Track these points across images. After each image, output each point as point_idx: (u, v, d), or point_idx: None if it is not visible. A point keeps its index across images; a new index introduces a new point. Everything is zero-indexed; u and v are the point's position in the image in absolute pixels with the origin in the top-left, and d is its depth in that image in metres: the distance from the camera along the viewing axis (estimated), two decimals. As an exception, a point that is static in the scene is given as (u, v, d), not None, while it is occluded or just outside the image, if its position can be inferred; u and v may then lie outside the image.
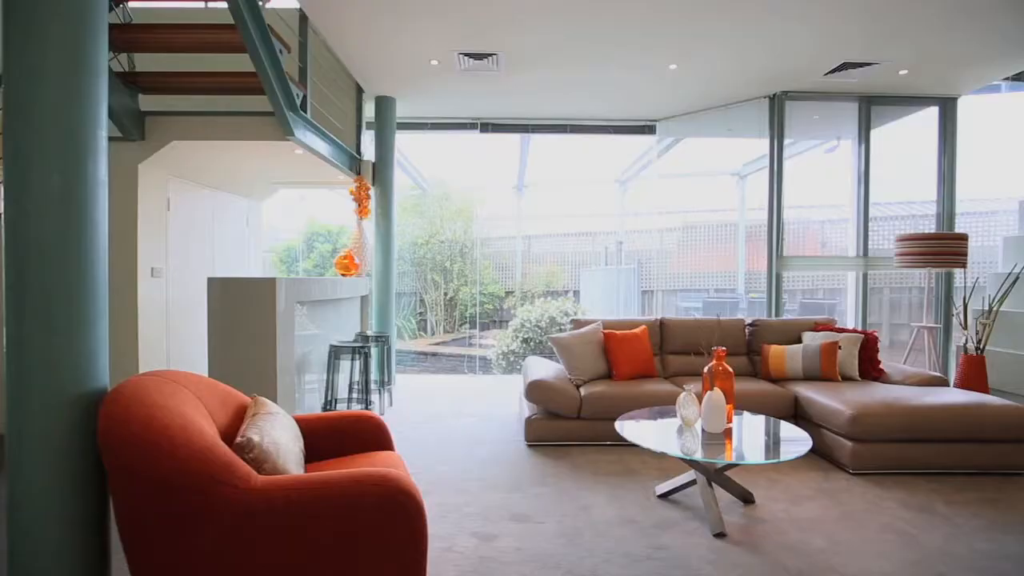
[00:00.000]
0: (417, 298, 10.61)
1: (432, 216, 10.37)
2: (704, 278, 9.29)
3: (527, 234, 10.39)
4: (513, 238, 10.37)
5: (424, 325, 10.58)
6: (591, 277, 9.53)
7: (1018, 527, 2.61)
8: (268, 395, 3.33)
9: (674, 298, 9.42)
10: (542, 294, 9.68)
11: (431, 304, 10.47)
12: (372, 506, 1.58)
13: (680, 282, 9.48)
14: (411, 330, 10.40)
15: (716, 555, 2.34)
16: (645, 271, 9.59)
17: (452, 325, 10.46)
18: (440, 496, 2.94)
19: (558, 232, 10.39)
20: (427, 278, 10.29)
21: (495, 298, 10.27)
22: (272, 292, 3.32)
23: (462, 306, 10.20)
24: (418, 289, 10.50)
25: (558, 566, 2.26)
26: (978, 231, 5.85)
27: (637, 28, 4.04)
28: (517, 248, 10.30)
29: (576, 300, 9.84)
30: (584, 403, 3.73)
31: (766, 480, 3.18)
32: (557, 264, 10.06)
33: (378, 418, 2.34)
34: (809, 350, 4.06)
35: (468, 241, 10.17)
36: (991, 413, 3.24)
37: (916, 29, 4.04)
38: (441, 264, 10.14)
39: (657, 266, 9.52)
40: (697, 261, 9.40)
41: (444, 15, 3.88)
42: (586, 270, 9.74)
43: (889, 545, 2.43)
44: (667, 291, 9.53)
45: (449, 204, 10.47)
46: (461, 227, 10.25)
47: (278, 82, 3.45)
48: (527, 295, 9.75)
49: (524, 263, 10.29)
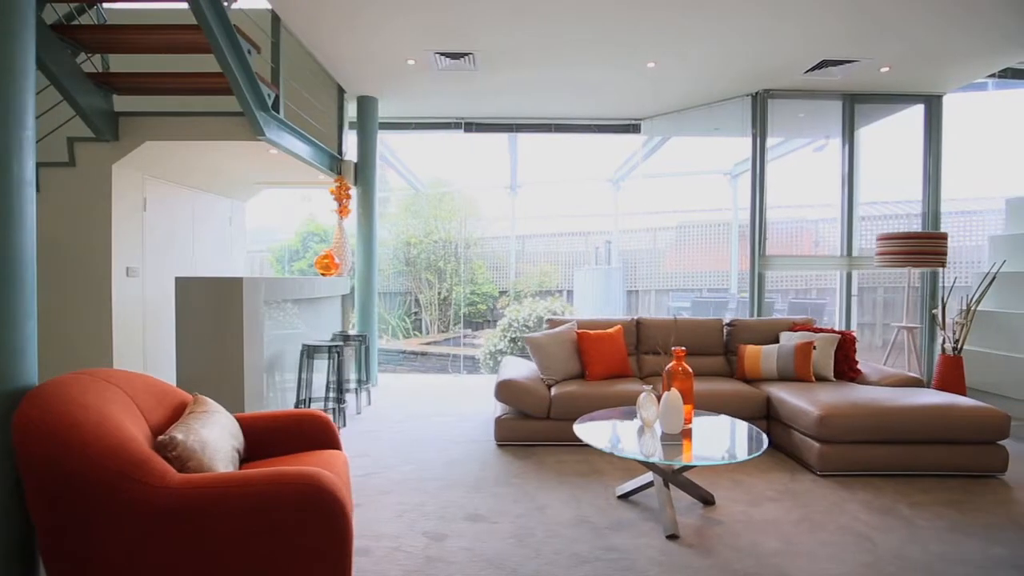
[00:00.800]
0: (412, 298, 10.63)
1: (426, 216, 10.39)
2: (696, 278, 9.25)
3: (521, 234, 10.38)
4: (507, 238, 10.36)
5: (419, 325, 10.60)
6: (584, 277, 9.50)
7: (979, 529, 2.57)
8: (235, 395, 3.36)
9: (666, 298, 9.38)
10: (535, 294, 9.67)
11: (426, 304, 10.48)
12: (291, 505, 1.58)
13: (673, 282, 9.45)
14: (405, 330, 10.43)
15: (665, 557, 2.32)
16: (639, 271, 9.56)
17: (446, 325, 10.47)
18: (399, 496, 2.94)
19: (552, 232, 10.37)
20: (421, 278, 10.31)
21: (489, 298, 10.27)
22: (238, 292, 3.33)
23: (456, 305, 10.21)
24: (412, 289, 10.52)
25: (503, 566, 2.25)
26: (965, 230, 5.77)
27: (612, 27, 4.03)
28: (511, 248, 10.29)
29: (570, 300, 9.82)
30: (554, 403, 3.72)
31: (730, 481, 3.15)
32: (550, 264, 10.04)
33: (324, 417, 2.34)
34: (784, 350, 4.02)
35: (462, 241, 10.18)
36: (960, 414, 3.20)
37: (895, 26, 4.00)
38: (434, 264, 10.15)
39: (649, 266, 9.48)
40: (690, 261, 9.36)
41: (417, 15, 3.88)
42: (579, 270, 9.71)
43: (844, 548, 2.40)
44: (660, 291, 9.50)
45: (443, 204, 10.49)
46: (455, 227, 10.26)
47: (246, 82, 3.46)
48: (520, 295, 9.75)
49: (518, 263, 10.28)
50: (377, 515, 2.70)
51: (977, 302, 4.23)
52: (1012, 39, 4.18)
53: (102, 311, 3.80)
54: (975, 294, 4.30)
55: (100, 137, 3.71)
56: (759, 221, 5.27)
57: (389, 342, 9.80)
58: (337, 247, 5.08)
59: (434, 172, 12.13)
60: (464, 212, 10.47)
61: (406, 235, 10.37)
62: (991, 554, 2.36)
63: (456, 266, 10.16)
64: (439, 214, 10.40)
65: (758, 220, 5.27)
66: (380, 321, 10.49)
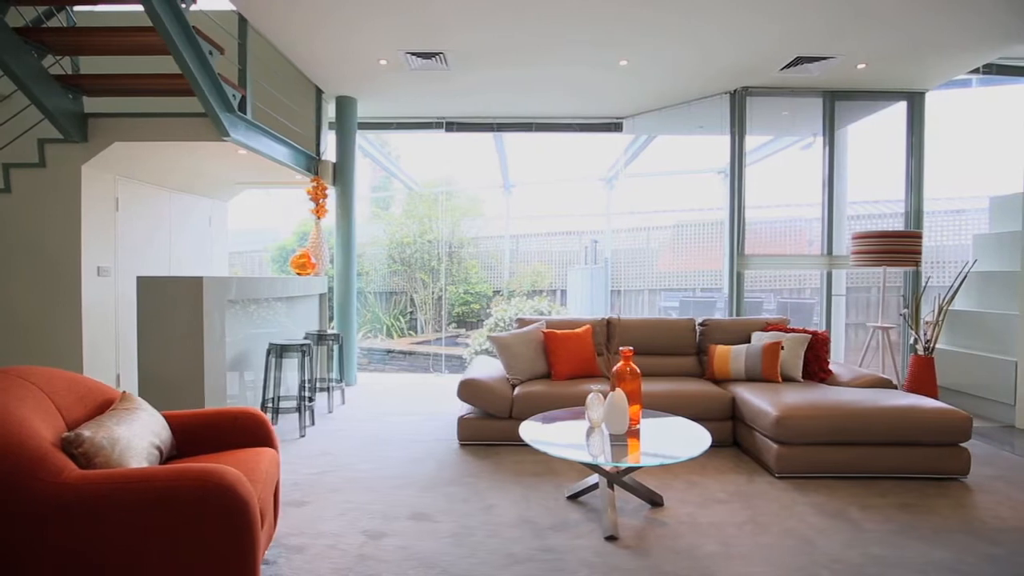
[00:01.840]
0: (407, 297, 10.67)
1: (420, 216, 10.42)
2: (689, 277, 9.17)
3: (515, 233, 10.38)
4: (501, 237, 10.36)
5: (415, 324, 10.63)
6: (576, 276, 9.48)
7: (926, 533, 2.53)
8: (195, 393, 3.39)
9: (659, 297, 9.33)
10: (527, 293, 9.66)
11: (420, 303, 10.52)
12: (191, 502, 1.60)
13: (666, 281, 9.39)
14: (400, 329, 10.47)
15: (598, 558, 2.31)
16: (632, 270, 9.51)
17: (441, 324, 10.49)
18: (349, 494, 2.96)
19: (546, 231, 10.35)
20: (415, 277, 10.34)
21: (483, 297, 10.28)
22: (198, 291, 3.37)
23: (449, 305, 10.23)
24: (407, 289, 10.56)
25: (435, 565, 2.25)
26: (951, 230, 5.68)
27: (579, 25, 4.01)
28: (505, 247, 10.29)
29: (563, 299, 9.81)
30: (515, 403, 3.72)
31: (685, 483, 3.13)
32: (543, 263, 10.02)
33: (259, 415, 2.35)
34: (752, 351, 3.98)
35: (455, 240, 10.20)
36: (922, 416, 3.14)
37: (868, 22, 3.94)
38: (428, 263, 10.18)
39: (642, 265, 9.43)
40: (683, 260, 9.29)
41: (385, 16, 3.89)
42: (571, 269, 9.69)
43: (782, 551, 2.38)
44: (653, 290, 9.45)
45: (437, 204, 10.51)
46: (449, 227, 10.28)
47: (208, 83, 3.49)
48: (513, 294, 9.74)
49: (512, 262, 10.28)
50: (322, 513, 2.72)
51: (948, 302, 4.16)
52: (988, 34, 4.11)
53: (72, 309, 3.85)
54: (947, 294, 4.23)
55: (68, 138, 3.76)
56: (738, 220, 5.22)
57: (383, 341, 9.85)
58: (314, 247, 5.11)
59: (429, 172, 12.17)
60: (458, 212, 10.50)
61: (400, 235, 10.41)
62: (931, 557, 2.32)
63: (450, 265, 10.18)
64: (433, 214, 10.43)
65: (737, 219, 5.22)
66: (375, 320, 10.59)
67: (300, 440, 3.85)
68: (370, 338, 10.49)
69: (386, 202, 11.33)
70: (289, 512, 2.72)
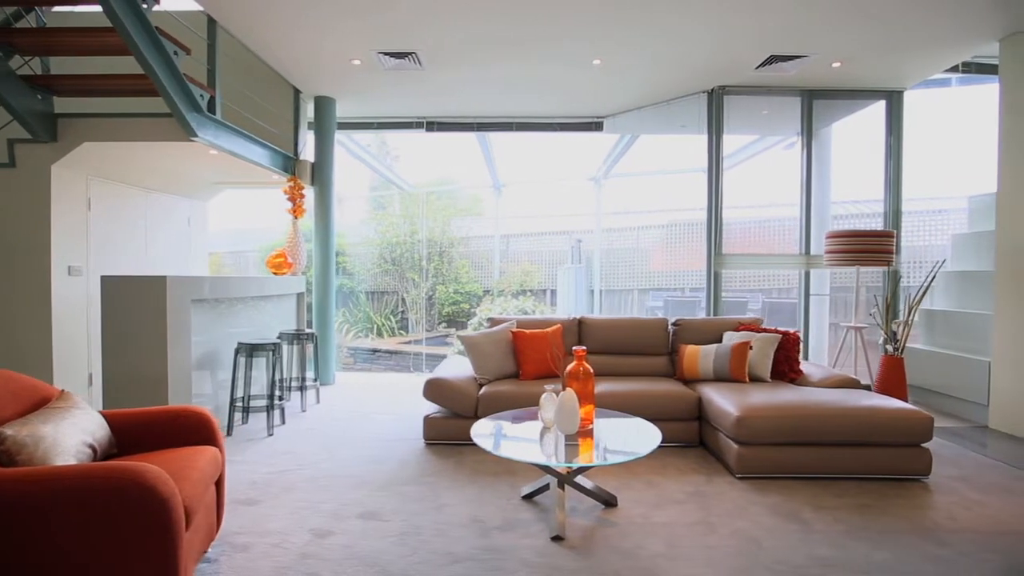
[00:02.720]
0: (399, 297, 10.69)
1: (411, 215, 10.44)
2: (677, 277, 9.15)
3: (505, 233, 10.38)
4: (491, 237, 10.37)
5: (406, 324, 10.65)
6: (564, 276, 9.47)
7: (874, 534, 2.51)
8: (159, 393, 3.41)
9: (648, 297, 9.31)
10: (516, 293, 9.66)
11: (411, 303, 10.53)
12: (108, 500, 1.61)
13: (655, 281, 9.37)
14: (391, 328, 10.49)
15: (540, 558, 2.31)
16: (621, 270, 9.50)
17: (432, 324, 10.51)
18: (304, 493, 2.96)
19: (535, 231, 10.35)
20: (406, 277, 10.36)
21: (473, 297, 10.29)
22: (162, 290, 3.38)
23: (439, 304, 10.24)
24: (399, 288, 10.58)
25: (374, 564, 2.25)
26: (931, 230, 5.64)
27: (553, 23, 4.01)
28: (495, 247, 10.29)
29: (553, 299, 9.80)
30: (481, 402, 3.71)
31: (644, 483, 3.12)
32: (531, 263, 10.02)
33: (202, 413, 2.36)
34: (721, 351, 3.97)
35: (445, 240, 10.21)
36: (884, 417, 3.13)
37: (840, 20, 3.92)
38: (418, 263, 10.19)
39: (631, 265, 9.41)
40: (671, 259, 9.27)
41: (354, 16, 3.90)
42: (560, 269, 9.68)
43: (726, 552, 2.36)
44: (642, 290, 9.43)
45: (428, 204, 10.53)
46: (439, 226, 10.29)
47: (173, 84, 3.51)
48: (503, 294, 9.75)
49: (502, 262, 10.28)
50: (273, 511, 2.72)
51: (918, 302, 4.13)
52: (960, 33, 4.08)
53: (41, 309, 3.88)
54: (916, 295, 4.20)
55: (38, 139, 3.79)
56: (715, 219, 5.20)
57: (370, 341, 9.88)
58: (291, 246, 5.12)
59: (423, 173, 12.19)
60: (449, 212, 10.51)
61: (391, 235, 10.43)
62: (874, 558, 2.30)
63: (440, 265, 10.19)
64: (425, 213, 10.45)
65: (714, 218, 5.20)
66: (366, 320, 10.62)
67: (267, 439, 3.86)
68: (361, 338, 10.52)
69: (385, 202, 11.33)
70: (240, 510, 2.73)
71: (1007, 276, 4.08)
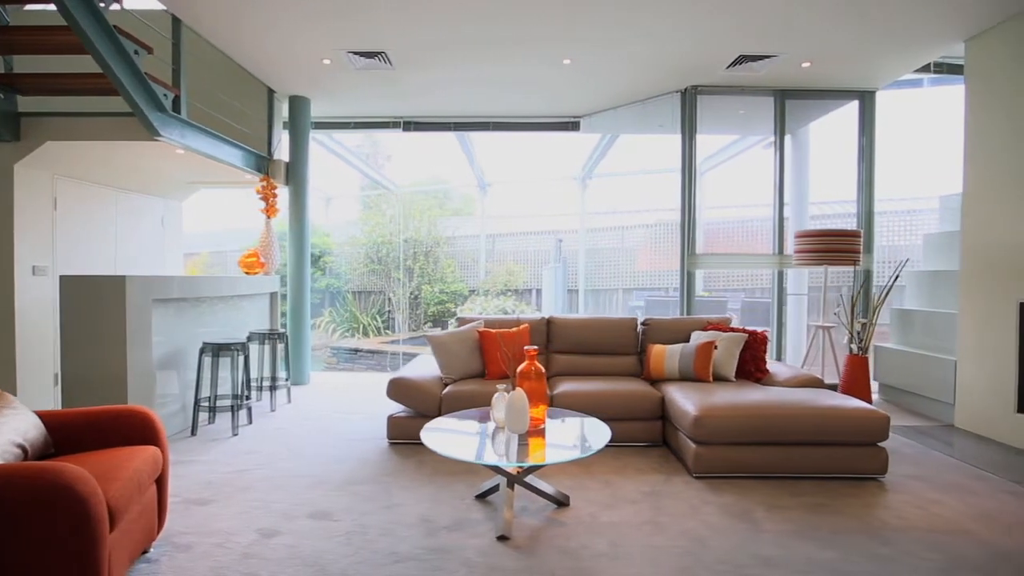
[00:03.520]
0: (385, 296, 10.68)
1: (397, 215, 10.43)
2: (663, 276, 9.16)
3: (491, 232, 10.37)
4: (477, 237, 10.37)
5: (392, 323, 10.65)
6: (548, 276, 9.47)
7: (823, 533, 2.51)
8: (118, 393, 3.39)
9: (631, 297, 9.32)
10: (501, 292, 9.66)
11: (397, 302, 10.52)
12: (27, 499, 1.60)
13: (639, 280, 9.38)
14: (377, 328, 10.48)
15: (482, 558, 2.30)
16: (605, 270, 9.51)
17: (418, 323, 10.50)
18: (258, 493, 2.95)
19: (520, 231, 10.35)
20: (392, 276, 10.35)
21: (458, 296, 10.28)
22: (121, 290, 3.37)
23: (425, 304, 10.23)
24: (385, 288, 10.57)
25: (315, 564, 2.25)
26: (906, 229, 5.65)
27: (518, 25, 4.00)
28: (481, 246, 10.29)
29: (538, 298, 9.80)
30: (444, 401, 3.71)
31: (601, 483, 3.11)
32: (516, 263, 10.02)
33: (146, 413, 2.35)
34: (686, 350, 3.97)
35: (431, 240, 10.20)
36: (841, 416, 3.13)
37: (806, 21, 3.92)
38: (403, 263, 10.18)
39: (615, 265, 9.42)
40: (656, 259, 9.27)
41: (319, 15, 3.89)
42: (545, 268, 9.69)
43: (670, 552, 2.36)
44: (626, 289, 9.43)
45: (414, 203, 10.53)
46: (425, 226, 10.28)
47: (133, 83, 3.50)
48: (488, 293, 9.75)
49: (488, 262, 10.28)
50: (223, 511, 2.72)
51: (881, 302, 4.14)
52: (926, 33, 4.09)
53: (4, 308, 3.86)
54: (882, 294, 4.21)
55: (1, 138, 3.77)
56: (688, 219, 5.21)
57: (351, 340, 9.88)
58: (263, 246, 5.11)
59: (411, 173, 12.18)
60: (434, 212, 10.50)
61: (378, 234, 10.42)
62: (818, 558, 2.30)
63: (425, 265, 10.19)
64: (412, 213, 10.44)
65: (687, 218, 5.20)
66: (352, 320, 10.61)
67: (231, 439, 3.85)
68: (347, 337, 10.52)
69: (372, 202, 11.30)
70: (191, 510, 2.73)
71: (971, 276, 4.09)
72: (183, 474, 3.18)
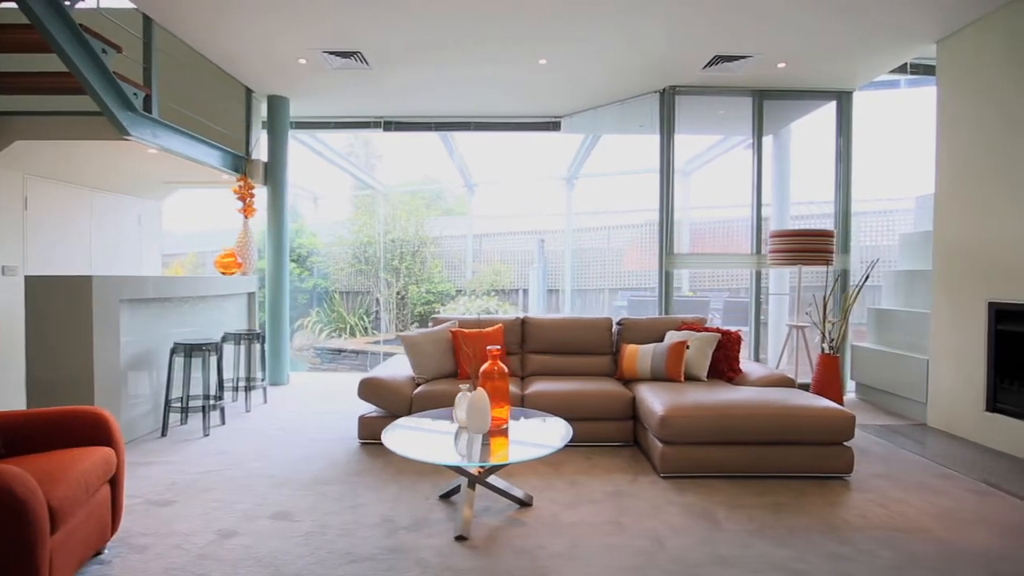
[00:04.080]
0: (372, 297, 10.67)
1: (384, 215, 10.41)
2: (647, 276, 9.17)
3: (479, 232, 10.37)
4: (464, 237, 10.36)
5: (379, 324, 10.63)
6: (534, 276, 9.47)
7: (782, 532, 2.52)
8: (84, 394, 3.37)
9: (616, 297, 9.33)
10: (488, 292, 9.65)
11: (385, 302, 10.51)
12: (-42, 501, 1.59)
13: (624, 280, 9.39)
14: (364, 328, 10.46)
15: (438, 558, 2.30)
16: (591, 270, 9.52)
17: (404, 324, 10.49)
18: (222, 493, 2.94)
19: (507, 231, 10.34)
20: (379, 277, 10.33)
21: (446, 296, 10.27)
22: (88, 290, 3.36)
23: (412, 304, 10.22)
24: (372, 288, 10.55)
25: (270, 564, 2.24)
26: (881, 229, 5.67)
27: (492, 24, 4.00)
28: (468, 247, 10.28)
29: (524, 298, 9.80)
30: (415, 401, 3.71)
31: (567, 482, 3.11)
32: (502, 263, 10.01)
33: (100, 414, 2.34)
34: (659, 350, 3.98)
35: (418, 239, 10.19)
36: (806, 416, 3.13)
37: (779, 22, 3.93)
38: (390, 263, 10.17)
39: (601, 265, 9.43)
40: (642, 259, 9.29)
41: (291, 15, 3.88)
42: (532, 268, 9.68)
43: (626, 552, 2.36)
44: (612, 289, 9.45)
45: (401, 203, 10.51)
46: (412, 226, 10.27)
47: (101, 82, 3.48)
48: (475, 294, 9.74)
49: (475, 262, 10.27)
50: (184, 512, 2.70)
51: (852, 301, 4.15)
52: (899, 35, 4.10)
53: (-27, 309, 3.83)
54: (853, 294, 4.22)
55: (-33, 137, 3.75)
56: (666, 219, 5.21)
57: (334, 341, 9.86)
58: (240, 246, 5.10)
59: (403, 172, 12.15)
60: (421, 212, 10.48)
61: (365, 234, 10.40)
62: (773, 557, 2.31)
63: (412, 264, 10.17)
64: (399, 213, 10.43)
65: (665, 218, 5.21)
66: (339, 320, 10.58)
67: (202, 440, 3.84)
68: (334, 338, 10.50)
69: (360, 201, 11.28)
70: (151, 511, 2.71)
71: (943, 275, 4.11)
72: (148, 475, 3.17)
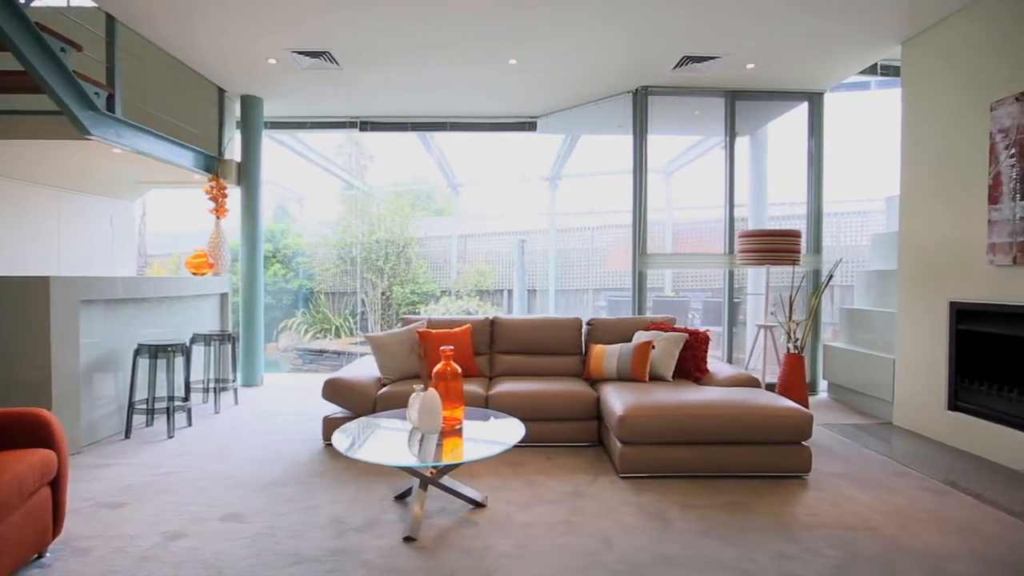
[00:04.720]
0: (358, 297, 10.64)
1: (369, 216, 10.40)
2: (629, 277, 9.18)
3: (463, 233, 10.36)
4: (449, 237, 10.35)
5: (365, 324, 10.61)
6: (519, 276, 9.47)
7: (732, 532, 2.52)
8: (42, 396, 3.35)
9: (600, 297, 9.34)
10: (471, 292, 9.64)
11: (370, 303, 10.48)
12: None
13: (608, 280, 9.40)
14: (349, 329, 10.43)
15: (383, 559, 2.29)
16: (575, 270, 9.52)
17: (390, 324, 10.46)
18: (176, 495, 2.92)
19: (493, 231, 10.34)
20: (364, 277, 10.31)
21: (430, 297, 10.26)
22: (45, 291, 3.33)
23: (396, 305, 10.20)
24: (358, 289, 10.52)
25: (212, 567, 2.23)
26: (853, 229, 5.70)
27: (459, 24, 4.00)
28: (452, 247, 10.28)
29: (508, 299, 9.79)
30: (378, 402, 3.69)
31: (525, 483, 3.11)
32: (487, 263, 10.00)
33: (43, 415, 2.32)
34: (624, 350, 3.98)
35: (402, 240, 10.17)
36: (764, 415, 3.14)
37: (743, 22, 3.94)
38: (375, 264, 10.15)
39: (585, 265, 9.43)
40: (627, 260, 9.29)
41: (256, 14, 3.86)
42: (515, 269, 9.68)
43: (573, 552, 2.36)
44: (596, 289, 9.45)
45: (385, 204, 10.49)
46: (397, 226, 10.25)
47: (60, 81, 3.45)
48: (458, 294, 9.73)
49: (460, 262, 10.26)
50: (133, 515, 2.68)
51: (817, 301, 4.17)
52: (864, 36, 4.12)
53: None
54: (817, 293, 4.24)
55: (-77, 137, 3.72)
56: (640, 218, 5.22)
57: (331, 341, 9.85)
58: (212, 247, 5.07)
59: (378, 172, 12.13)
60: (406, 212, 10.47)
61: (351, 235, 10.38)
62: (719, 556, 2.31)
63: (396, 265, 10.15)
64: (383, 213, 10.41)
65: (638, 218, 5.22)
66: (324, 321, 10.55)
67: (165, 441, 3.81)
68: (319, 339, 10.47)
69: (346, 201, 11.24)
70: (99, 513, 2.69)
71: (908, 275, 4.13)
72: (104, 477, 3.15)
